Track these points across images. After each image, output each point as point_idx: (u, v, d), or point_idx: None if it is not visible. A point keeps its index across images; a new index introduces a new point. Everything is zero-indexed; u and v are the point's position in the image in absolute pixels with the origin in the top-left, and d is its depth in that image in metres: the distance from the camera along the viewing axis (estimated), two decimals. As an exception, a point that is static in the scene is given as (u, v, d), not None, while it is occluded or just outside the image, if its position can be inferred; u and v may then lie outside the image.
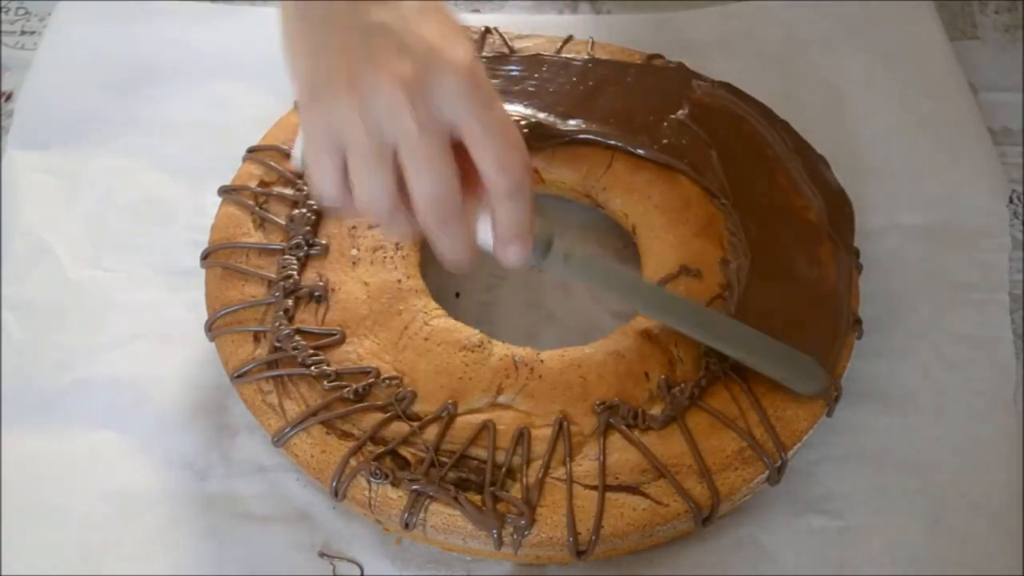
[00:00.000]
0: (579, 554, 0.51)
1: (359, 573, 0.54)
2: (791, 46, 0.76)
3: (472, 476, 0.51)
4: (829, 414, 0.55)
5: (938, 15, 0.76)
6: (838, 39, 0.76)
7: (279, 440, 0.53)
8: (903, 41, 0.75)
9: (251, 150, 0.63)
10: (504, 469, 0.51)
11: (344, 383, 0.54)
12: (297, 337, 0.55)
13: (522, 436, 0.52)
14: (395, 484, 0.51)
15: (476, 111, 0.45)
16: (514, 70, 0.67)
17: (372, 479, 0.51)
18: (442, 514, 0.51)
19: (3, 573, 0.53)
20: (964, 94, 0.72)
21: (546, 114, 0.64)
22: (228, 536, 0.55)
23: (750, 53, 0.75)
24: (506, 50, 0.68)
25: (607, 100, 0.65)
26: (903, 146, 0.70)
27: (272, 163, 0.62)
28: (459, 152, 0.45)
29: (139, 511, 0.55)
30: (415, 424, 0.53)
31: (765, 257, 0.59)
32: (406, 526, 0.51)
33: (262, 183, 0.62)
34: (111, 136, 0.69)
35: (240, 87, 0.72)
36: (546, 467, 0.51)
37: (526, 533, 0.50)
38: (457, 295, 0.64)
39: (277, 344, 0.55)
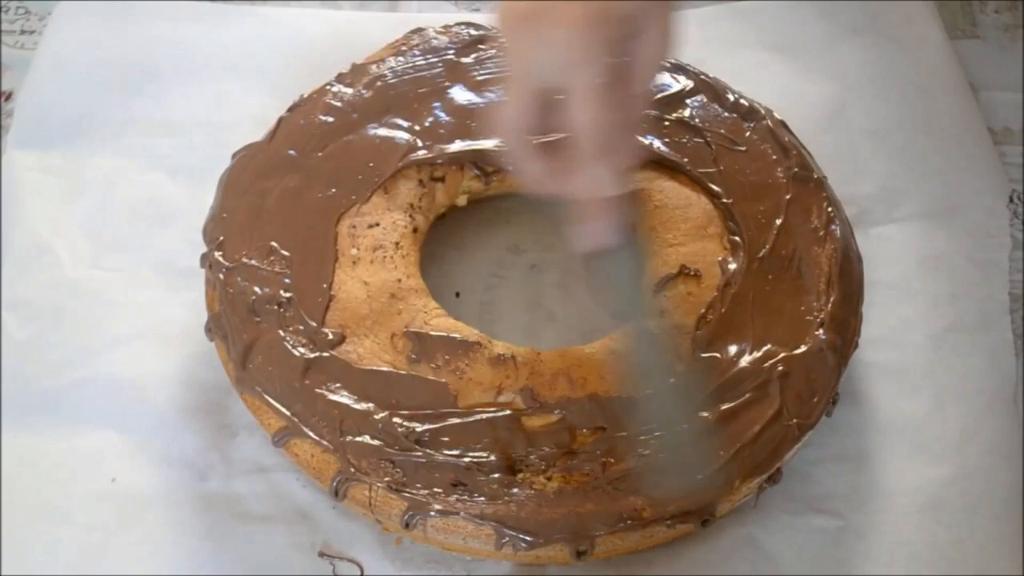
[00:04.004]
0: (579, 554, 0.50)
1: (359, 573, 0.54)
2: (791, 46, 0.76)
3: (472, 476, 0.51)
4: (828, 414, 0.55)
5: (938, 15, 0.76)
6: (838, 39, 0.76)
7: (279, 440, 0.53)
8: (903, 41, 0.75)
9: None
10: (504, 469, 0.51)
11: (344, 383, 0.54)
12: (297, 337, 0.55)
13: (522, 436, 0.52)
14: (395, 484, 0.51)
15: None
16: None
17: (372, 479, 0.51)
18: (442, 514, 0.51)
19: (3, 573, 0.53)
20: (964, 94, 0.72)
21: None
22: (228, 536, 0.55)
23: (750, 53, 0.75)
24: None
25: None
26: (903, 146, 0.70)
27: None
28: None
29: (139, 511, 0.55)
30: (415, 424, 0.53)
31: (762, 257, 0.59)
32: (406, 526, 0.51)
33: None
34: (111, 136, 0.69)
35: (240, 87, 0.72)
36: (546, 467, 0.51)
37: (526, 533, 0.50)
38: (457, 295, 0.64)
39: (277, 344, 0.55)
